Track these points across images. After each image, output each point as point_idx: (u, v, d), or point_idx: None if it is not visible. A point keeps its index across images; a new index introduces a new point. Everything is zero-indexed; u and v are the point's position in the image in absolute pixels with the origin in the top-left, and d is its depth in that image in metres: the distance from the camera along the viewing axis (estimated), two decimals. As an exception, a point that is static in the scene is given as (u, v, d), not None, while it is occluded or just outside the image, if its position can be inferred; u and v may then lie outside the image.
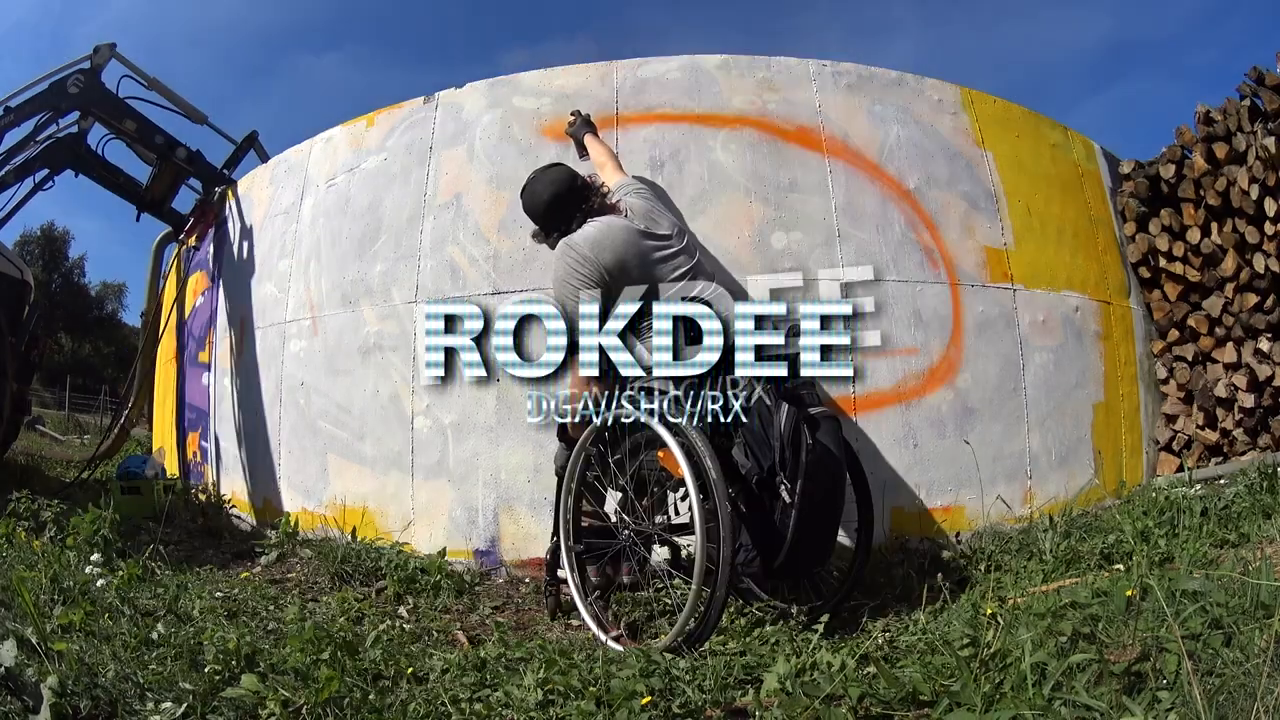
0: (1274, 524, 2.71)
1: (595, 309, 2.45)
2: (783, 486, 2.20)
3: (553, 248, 2.77)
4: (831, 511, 2.35)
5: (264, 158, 5.44)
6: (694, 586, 2.14)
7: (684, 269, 2.59)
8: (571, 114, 3.55)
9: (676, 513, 2.46)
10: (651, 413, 2.31)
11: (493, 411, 3.54)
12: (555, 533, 2.61)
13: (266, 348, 4.41)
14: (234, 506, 4.54)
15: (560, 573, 2.66)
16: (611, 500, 2.52)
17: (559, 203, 2.79)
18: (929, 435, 3.49)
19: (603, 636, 2.36)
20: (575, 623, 2.81)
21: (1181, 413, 4.10)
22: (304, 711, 1.69)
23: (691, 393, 2.30)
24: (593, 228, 2.68)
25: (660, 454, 2.32)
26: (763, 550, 2.23)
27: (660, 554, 2.57)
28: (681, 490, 2.25)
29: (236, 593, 2.91)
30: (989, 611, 1.89)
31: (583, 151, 3.47)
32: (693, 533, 2.17)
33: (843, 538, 2.65)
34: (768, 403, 2.23)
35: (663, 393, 2.35)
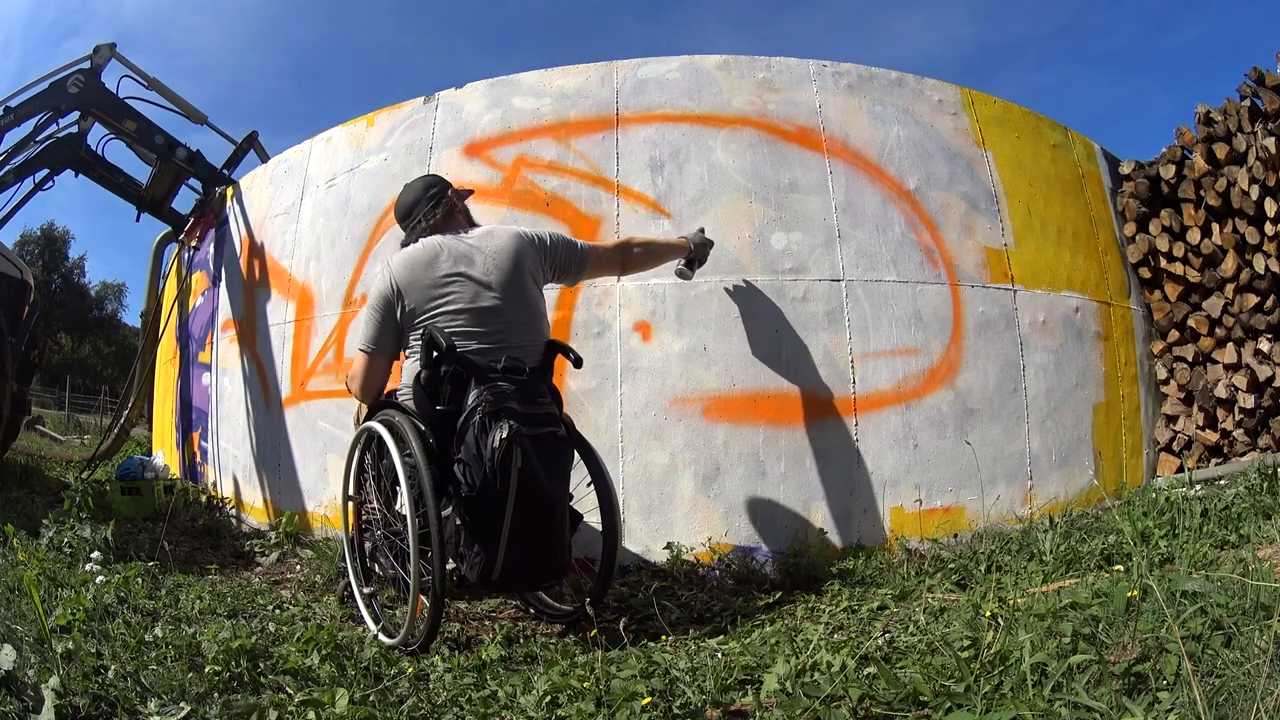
0: (1274, 525, 2.71)
1: (379, 319, 2.56)
2: (497, 503, 2.24)
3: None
4: (548, 533, 2.35)
5: (264, 158, 5.45)
6: (412, 593, 2.19)
7: (454, 305, 2.51)
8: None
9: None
10: (384, 423, 2.40)
11: (493, 412, 3.54)
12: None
13: (267, 348, 4.41)
14: (234, 507, 4.54)
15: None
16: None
17: (405, 209, 2.78)
18: (929, 435, 3.49)
19: (371, 626, 2.40)
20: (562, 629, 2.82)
21: (1182, 413, 4.10)
22: None
23: (423, 411, 2.39)
24: (410, 247, 2.67)
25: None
26: (483, 564, 2.27)
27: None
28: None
29: (236, 593, 2.92)
30: (989, 612, 1.89)
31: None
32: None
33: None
34: (485, 424, 2.26)
35: (405, 409, 2.44)
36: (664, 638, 2.49)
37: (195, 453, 5.20)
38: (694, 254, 3.22)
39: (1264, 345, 3.75)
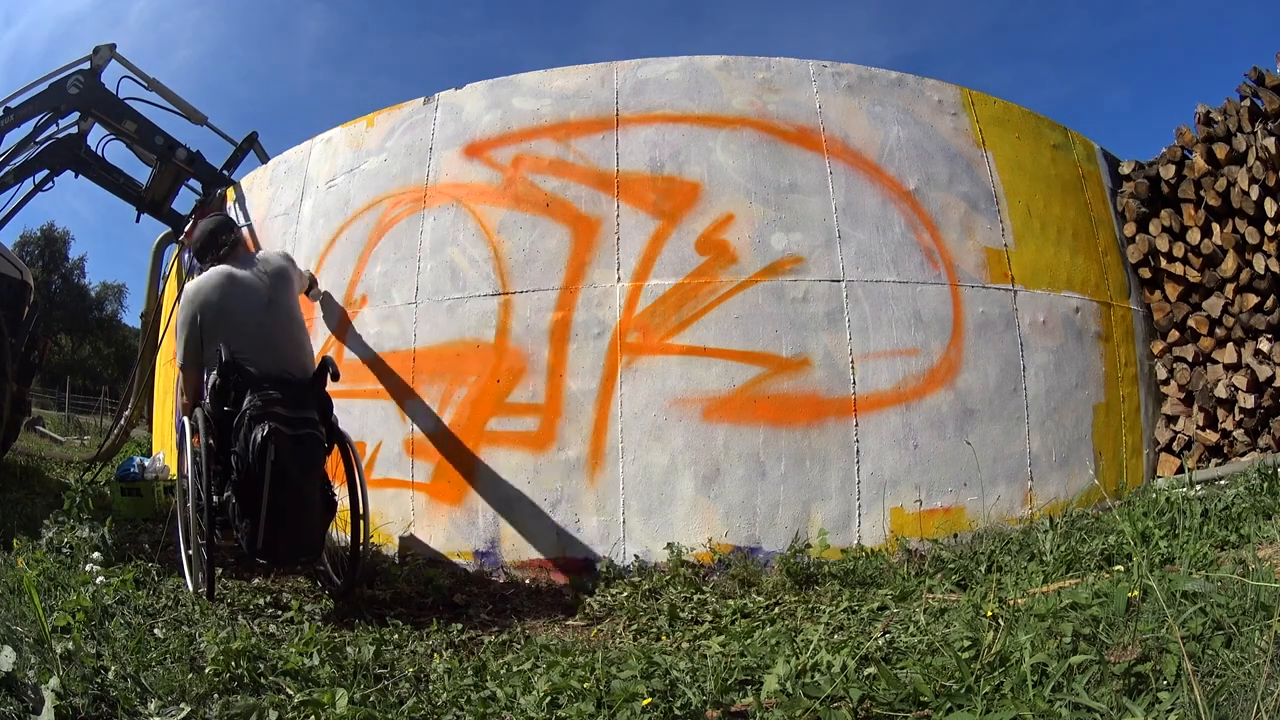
0: (1274, 525, 2.71)
1: (187, 337, 3.03)
2: (258, 488, 2.67)
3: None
4: (298, 515, 2.76)
5: (264, 158, 5.44)
6: (188, 550, 2.81)
7: (235, 322, 2.94)
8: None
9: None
10: (191, 418, 2.92)
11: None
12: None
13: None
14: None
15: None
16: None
17: (201, 246, 3.27)
18: (929, 436, 3.49)
19: (188, 581, 2.83)
20: (574, 622, 2.82)
21: (1182, 413, 4.10)
22: None
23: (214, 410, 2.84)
24: (204, 274, 3.14)
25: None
26: (250, 537, 2.69)
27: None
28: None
29: (237, 592, 2.91)
30: (989, 613, 1.89)
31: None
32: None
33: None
34: (251, 424, 2.70)
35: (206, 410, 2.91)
36: (664, 638, 2.49)
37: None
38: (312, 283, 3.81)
39: (1264, 345, 3.75)
